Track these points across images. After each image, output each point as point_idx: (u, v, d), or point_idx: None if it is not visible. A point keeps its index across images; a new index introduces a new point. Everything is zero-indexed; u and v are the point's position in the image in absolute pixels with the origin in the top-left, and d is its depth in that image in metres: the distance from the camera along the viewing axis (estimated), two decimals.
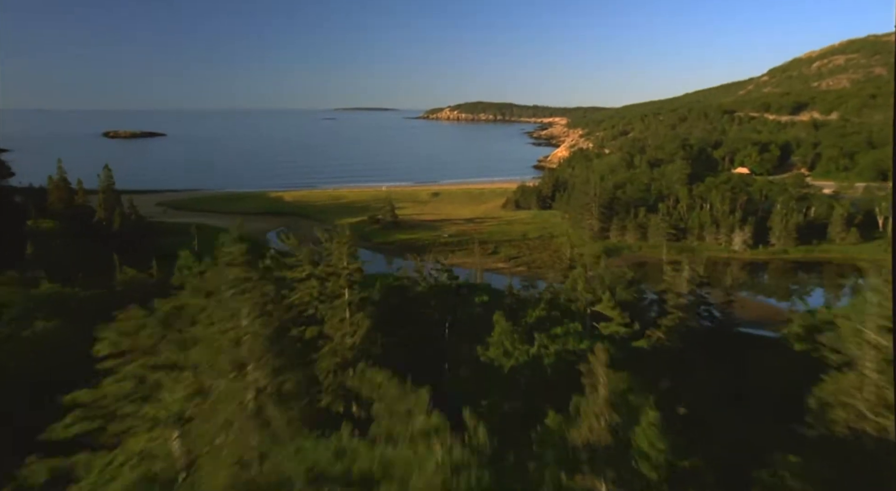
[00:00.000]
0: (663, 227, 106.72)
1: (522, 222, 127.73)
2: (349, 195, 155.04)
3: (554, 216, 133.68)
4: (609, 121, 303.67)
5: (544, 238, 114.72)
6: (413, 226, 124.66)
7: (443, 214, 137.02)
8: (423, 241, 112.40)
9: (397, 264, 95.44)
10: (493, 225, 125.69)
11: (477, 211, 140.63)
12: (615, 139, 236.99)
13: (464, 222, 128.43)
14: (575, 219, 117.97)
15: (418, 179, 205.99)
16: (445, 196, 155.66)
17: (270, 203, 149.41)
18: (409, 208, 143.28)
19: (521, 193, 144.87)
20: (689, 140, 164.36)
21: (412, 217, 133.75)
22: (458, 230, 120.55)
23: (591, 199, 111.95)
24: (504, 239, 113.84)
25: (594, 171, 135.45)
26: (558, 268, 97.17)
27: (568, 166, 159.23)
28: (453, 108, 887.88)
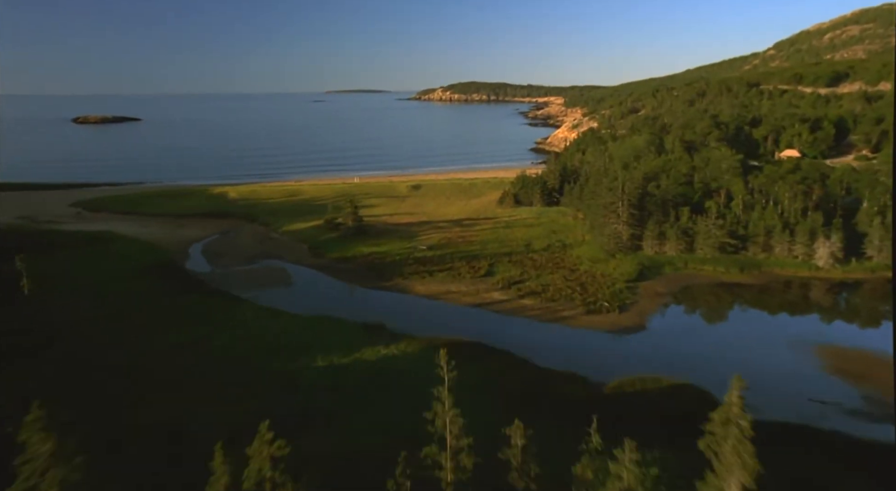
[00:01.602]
0: (716, 235, 77.49)
1: (524, 224, 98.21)
2: (309, 190, 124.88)
3: (563, 215, 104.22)
4: (614, 97, 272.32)
5: (555, 249, 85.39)
6: (383, 232, 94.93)
7: (424, 214, 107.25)
8: (392, 256, 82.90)
9: (343, 301, 66.22)
10: (486, 229, 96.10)
11: (467, 209, 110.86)
12: (624, 117, 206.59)
13: (449, 225, 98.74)
14: (594, 221, 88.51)
15: (400, 166, 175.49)
16: (429, 189, 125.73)
17: (213, 202, 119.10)
18: (382, 206, 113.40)
19: (522, 185, 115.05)
20: (720, 117, 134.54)
21: (384, 219, 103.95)
22: (442, 238, 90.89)
23: (616, 197, 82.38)
24: (502, 251, 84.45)
25: (613, 158, 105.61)
26: (581, 301, 67.75)
27: (576, 150, 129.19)
28: (445, 89, 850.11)
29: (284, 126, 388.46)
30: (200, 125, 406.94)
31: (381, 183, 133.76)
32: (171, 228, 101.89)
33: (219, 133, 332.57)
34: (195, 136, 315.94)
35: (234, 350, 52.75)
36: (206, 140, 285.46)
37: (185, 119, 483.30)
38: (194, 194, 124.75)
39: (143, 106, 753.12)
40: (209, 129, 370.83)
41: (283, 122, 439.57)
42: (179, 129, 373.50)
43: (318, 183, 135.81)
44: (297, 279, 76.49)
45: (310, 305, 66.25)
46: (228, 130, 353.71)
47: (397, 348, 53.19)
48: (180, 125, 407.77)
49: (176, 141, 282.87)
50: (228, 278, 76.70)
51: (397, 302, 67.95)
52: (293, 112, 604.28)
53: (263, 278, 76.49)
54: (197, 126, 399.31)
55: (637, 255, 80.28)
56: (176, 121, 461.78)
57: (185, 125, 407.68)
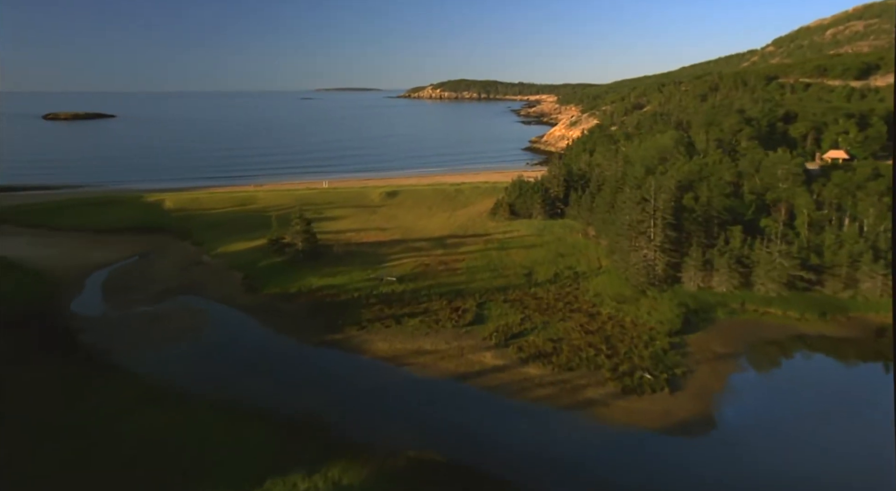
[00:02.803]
0: (783, 265, 57.11)
1: (523, 244, 77.42)
2: (265, 197, 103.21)
3: (570, 230, 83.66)
4: (612, 94, 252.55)
5: (565, 280, 64.70)
6: (343, 255, 73.68)
7: (398, 229, 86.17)
8: (349, 292, 61.75)
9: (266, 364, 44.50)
10: (475, 251, 75.19)
11: (452, 222, 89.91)
12: (627, 114, 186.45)
13: (428, 246, 77.67)
14: (615, 243, 67.92)
15: (380, 168, 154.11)
16: (407, 196, 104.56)
17: (145, 212, 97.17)
18: (347, 219, 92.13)
19: (518, 193, 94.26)
20: (748, 112, 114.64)
21: (348, 236, 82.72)
22: (417, 265, 69.76)
23: (646, 213, 61.79)
24: (495, 284, 63.60)
25: (631, 160, 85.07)
26: (611, 369, 46.60)
27: (582, 150, 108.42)
28: (436, 87, 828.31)
29: (264, 124, 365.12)
30: (176, 123, 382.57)
31: (352, 189, 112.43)
32: (79, 248, 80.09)
33: (192, 131, 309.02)
34: (165, 134, 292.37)
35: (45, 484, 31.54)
36: (176, 138, 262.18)
37: (162, 116, 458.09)
38: (125, 203, 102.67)
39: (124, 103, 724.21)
40: (184, 126, 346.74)
41: (264, 119, 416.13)
42: (152, 126, 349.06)
43: (279, 188, 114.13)
44: (215, 329, 55.12)
45: (218, 379, 45.20)
46: (203, 128, 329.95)
47: (330, 480, 32.26)
48: (155, 123, 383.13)
49: (142, 139, 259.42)
50: (120, 327, 55.37)
51: (347, 370, 46.92)
52: (278, 110, 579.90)
53: (168, 328, 55.13)
54: (172, 124, 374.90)
55: (676, 291, 59.76)
56: (152, 118, 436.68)
57: (159, 123, 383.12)
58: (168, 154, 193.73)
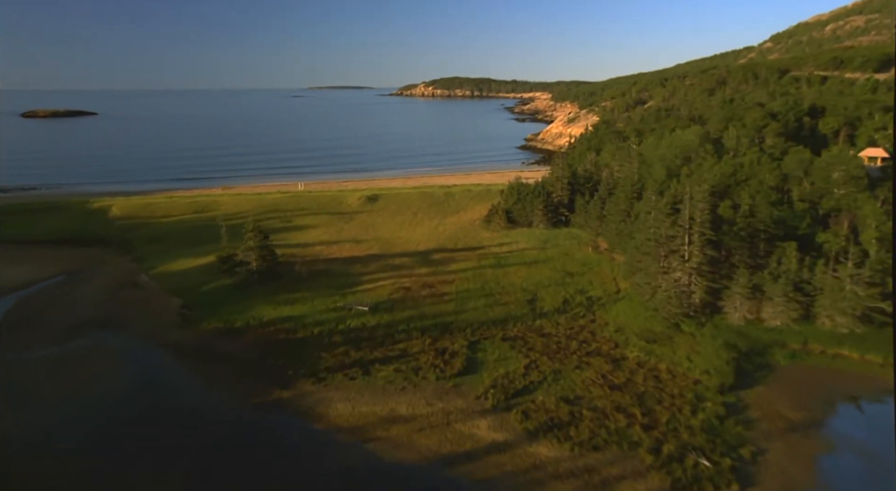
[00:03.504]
0: (856, 295, 44.81)
1: (524, 260, 64.81)
2: (228, 202, 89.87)
3: (578, 242, 71.25)
4: (608, 91, 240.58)
5: (577, 308, 52.21)
6: (307, 275, 60.71)
7: (376, 242, 73.31)
8: (309, 327, 48.88)
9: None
10: (467, 269, 62.48)
11: (440, 232, 77.17)
12: (629, 110, 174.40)
13: (411, 263, 64.87)
14: (636, 261, 55.40)
15: (364, 168, 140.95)
16: (390, 201, 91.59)
17: (85, 221, 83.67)
18: (318, 229, 79.13)
19: (517, 197, 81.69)
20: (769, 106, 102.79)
21: (317, 250, 69.75)
22: (396, 288, 56.92)
23: (680, 228, 49.29)
24: (491, 314, 50.97)
25: (649, 161, 72.51)
26: (651, 452, 34.07)
27: (587, 149, 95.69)
28: (428, 84, 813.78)
29: (248, 122, 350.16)
30: (158, 120, 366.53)
31: (329, 192, 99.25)
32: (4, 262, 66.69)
33: (171, 129, 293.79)
34: (143, 132, 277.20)
35: None
36: (152, 137, 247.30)
37: (146, 114, 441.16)
38: (67, 209, 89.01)
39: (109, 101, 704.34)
40: (164, 124, 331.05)
41: (250, 117, 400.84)
42: (133, 124, 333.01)
43: (248, 191, 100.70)
44: (126, 382, 42.09)
45: (110, 463, 32.34)
46: (184, 126, 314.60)
47: None
48: (136, 120, 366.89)
49: (117, 138, 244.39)
50: (6, 377, 42.39)
51: (289, 450, 34.11)
52: (266, 107, 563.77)
53: (64, 379, 42.10)
54: (153, 121, 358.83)
55: (717, 325, 47.41)
56: (135, 116, 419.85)
57: (141, 120, 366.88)
58: (138, 153, 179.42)
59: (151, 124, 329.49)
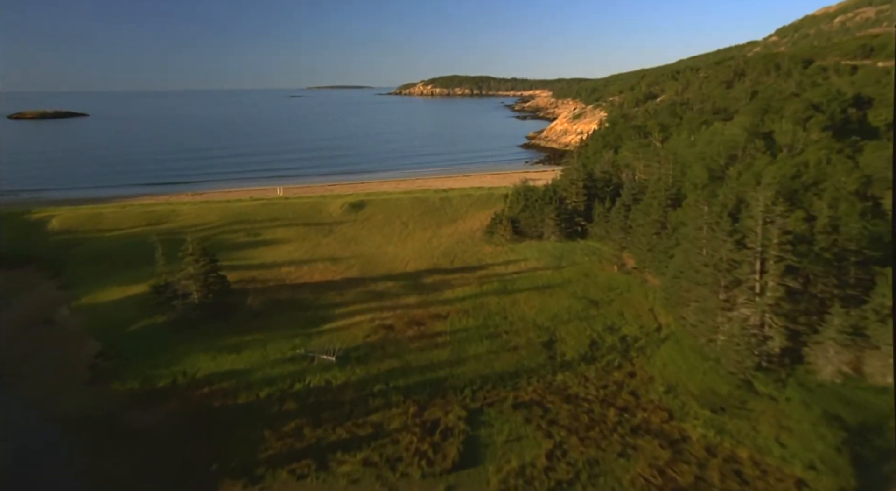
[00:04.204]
0: None
1: (535, 283, 52.19)
2: (189, 212, 77.20)
3: (598, 258, 58.78)
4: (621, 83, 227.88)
5: (607, 356, 39.57)
6: (265, 307, 48.07)
7: (357, 260, 60.67)
8: (255, 387, 36.28)
9: None
10: (465, 297, 49.82)
11: (434, 247, 64.57)
12: (639, 105, 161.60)
13: (397, 288, 52.21)
14: (682, 291, 42.73)
15: (350, 170, 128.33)
16: (378, 208, 78.96)
17: (16, 235, 70.94)
18: (290, 244, 66.43)
19: (523, 204, 69.12)
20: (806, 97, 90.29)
21: (283, 272, 57.09)
22: (374, 326, 44.17)
23: (750, 252, 36.61)
24: (497, 366, 38.32)
25: (684, 161, 59.60)
26: None
27: (602, 147, 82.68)
28: (427, 83, 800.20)
29: (241, 122, 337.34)
30: (149, 121, 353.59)
31: (310, 198, 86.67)
32: None
33: (161, 130, 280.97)
34: (128, 133, 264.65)
35: None
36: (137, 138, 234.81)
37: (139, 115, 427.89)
38: (6, 219, 76.40)
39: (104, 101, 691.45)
40: (155, 125, 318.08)
41: (245, 117, 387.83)
42: (122, 125, 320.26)
43: (215, 198, 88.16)
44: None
45: None
46: (176, 127, 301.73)
47: None
48: (126, 121, 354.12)
49: (100, 139, 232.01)
50: None
51: None
52: (262, 107, 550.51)
53: None
54: (144, 122, 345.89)
55: (803, 380, 34.78)
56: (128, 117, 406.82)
57: (132, 121, 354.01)
58: (113, 156, 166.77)
59: (140, 125, 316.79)
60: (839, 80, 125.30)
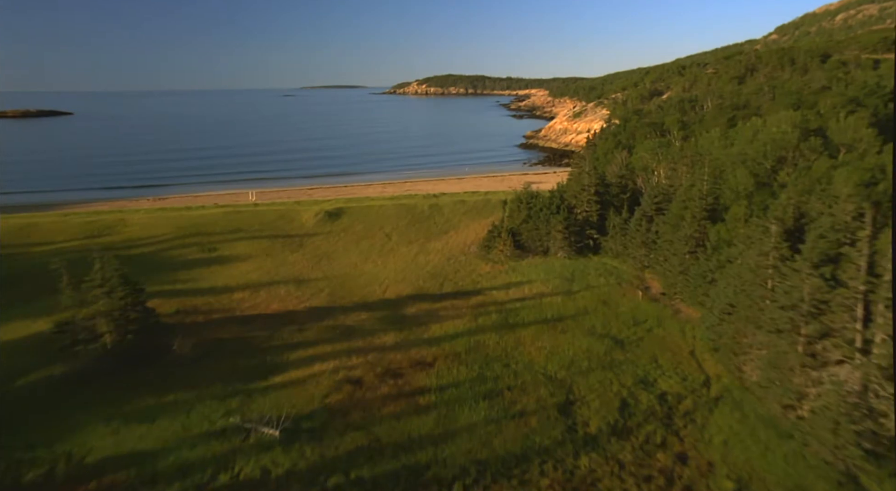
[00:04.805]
0: None
1: (544, 317, 41.87)
2: (139, 222, 66.49)
3: (618, 280, 48.65)
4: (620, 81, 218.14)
5: (646, 426, 29.24)
6: (192, 359, 37.57)
7: (326, 284, 50.15)
8: (161, 479, 25.83)
9: None
10: (457, 335, 39.45)
11: (420, 265, 54.16)
12: (644, 102, 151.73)
13: (372, 322, 41.76)
14: (736, 333, 32.46)
15: (333, 173, 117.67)
16: (358, 216, 68.46)
17: None
18: (251, 261, 55.77)
19: (527, 213, 58.85)
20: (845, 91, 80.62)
21: (236, 299, 46.43)
22: (338, 380, 33.71)
23: (839, 290, 26.36)
24: (501, 447, 27.92)
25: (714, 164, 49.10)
26: None
27: (614, 146, 72.21)
28: (421, 82, 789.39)
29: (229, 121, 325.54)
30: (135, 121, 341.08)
31: (283, 204, 76.12)
32: None
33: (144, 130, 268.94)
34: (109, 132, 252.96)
35: None
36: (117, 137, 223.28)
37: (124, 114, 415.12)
38: None
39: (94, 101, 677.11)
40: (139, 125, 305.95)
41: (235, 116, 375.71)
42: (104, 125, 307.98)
43: (172, 206, 77.55)
44: None
45: None
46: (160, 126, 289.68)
47: None
48: (109, 121, 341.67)
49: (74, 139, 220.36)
50: None
51: None
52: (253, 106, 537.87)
53: None
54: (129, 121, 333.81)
55: None
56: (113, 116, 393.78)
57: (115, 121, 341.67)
58: (84, 156, 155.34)
59: (124, 124, 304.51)
60: (863, 74, 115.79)
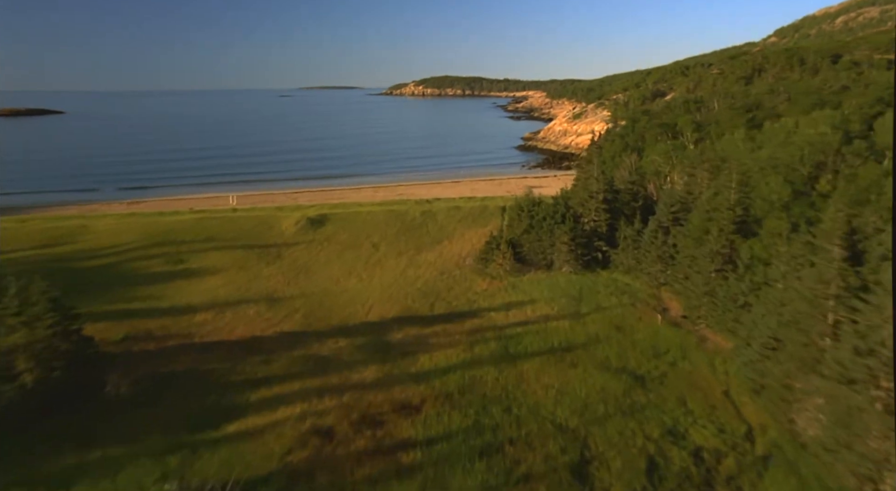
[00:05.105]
0: None
1: (551, 347, 36.13)
2: (105, 228, 60.38)
3: (632, 300, 43.00)
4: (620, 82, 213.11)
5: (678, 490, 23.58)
6: (155, 384, 31.66)
7: (302, 303, 44.29)
8: None
9: None
10: (451, 367, 33.68)
11: (410, 280, 48.34)
12: (646, 103, 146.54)
13: (352, 350, 35.94)
14: (763, 365, 26.71)
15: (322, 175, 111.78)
16: (342, 224, 62.67)
17: None
18: (221, 275, 49.79)
19: (528, 222, 53.11)
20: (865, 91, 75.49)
21: (199, 321, 40.53)
22: (303, 434, 27.83)
23: None
24: None
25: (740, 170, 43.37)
26: None
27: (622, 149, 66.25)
28: (418, 83, 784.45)
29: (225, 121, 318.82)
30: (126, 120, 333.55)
31: (263, 210, 70.26)
32: None
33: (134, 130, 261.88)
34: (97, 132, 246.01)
35: None
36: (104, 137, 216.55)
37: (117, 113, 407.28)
38: None
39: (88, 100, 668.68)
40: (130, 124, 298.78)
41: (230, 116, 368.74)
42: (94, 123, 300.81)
43: (144, 211, 71.56)
44: None
45: None
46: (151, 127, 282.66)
47: None
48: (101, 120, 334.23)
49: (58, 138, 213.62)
50: None
51: None
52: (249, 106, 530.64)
53: None
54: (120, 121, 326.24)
55: None
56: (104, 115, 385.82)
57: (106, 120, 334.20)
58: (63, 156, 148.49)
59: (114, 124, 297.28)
60: (877, 74, 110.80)
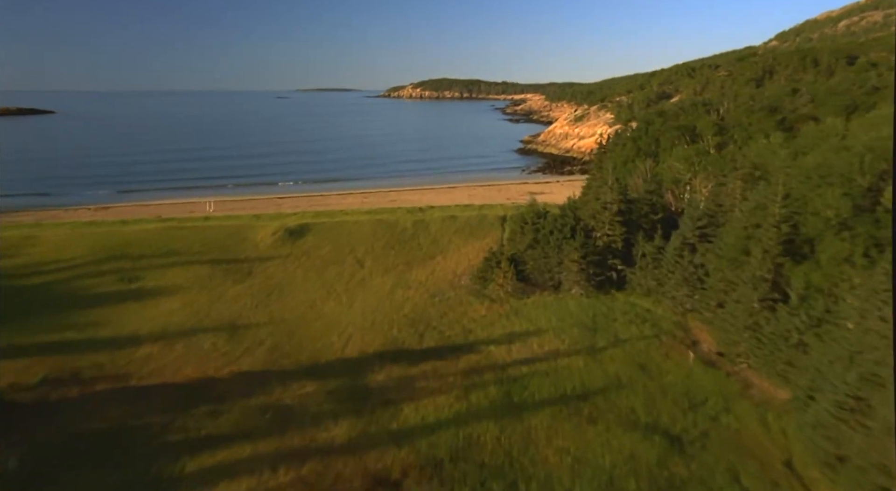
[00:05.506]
0: None
1: (562, 393, 29.57)
2: (55, 239, 53.63)
3: (656, 331, 36.44)
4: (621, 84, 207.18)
5: None
6: (60, 451, 24.99)
7: (269, 333, 37.60)
8: None
9: None
10: (443, 421, 27.14)
11: (397, 304, 41.68)
12: (650, 105, 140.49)
13: (324, 397, 29.29)
14: (838, 428, 20.08)
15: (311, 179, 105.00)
16: (325, 235, 56.09)
17: None
18: (178, 297, 43.05)
19: (531, 238, 46.57)
20: None
21: (144, 354, 33.81)
22: None
23: None
24: None
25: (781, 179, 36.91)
26: None
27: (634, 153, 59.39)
28: (416, 86, 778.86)
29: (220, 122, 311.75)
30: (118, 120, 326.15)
31: (238, 219, 63.56)
32: None
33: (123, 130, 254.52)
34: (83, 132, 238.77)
35: None
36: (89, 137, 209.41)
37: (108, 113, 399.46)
38: None
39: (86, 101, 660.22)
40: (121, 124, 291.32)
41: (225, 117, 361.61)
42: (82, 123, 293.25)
43: (105, 219, 64.79)
44: None
45: None
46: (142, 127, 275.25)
47: None
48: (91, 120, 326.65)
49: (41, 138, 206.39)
50: None
51: None
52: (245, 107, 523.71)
53: None
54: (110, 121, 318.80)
55: None
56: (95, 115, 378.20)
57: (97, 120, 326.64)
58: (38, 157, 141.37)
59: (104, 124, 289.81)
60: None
